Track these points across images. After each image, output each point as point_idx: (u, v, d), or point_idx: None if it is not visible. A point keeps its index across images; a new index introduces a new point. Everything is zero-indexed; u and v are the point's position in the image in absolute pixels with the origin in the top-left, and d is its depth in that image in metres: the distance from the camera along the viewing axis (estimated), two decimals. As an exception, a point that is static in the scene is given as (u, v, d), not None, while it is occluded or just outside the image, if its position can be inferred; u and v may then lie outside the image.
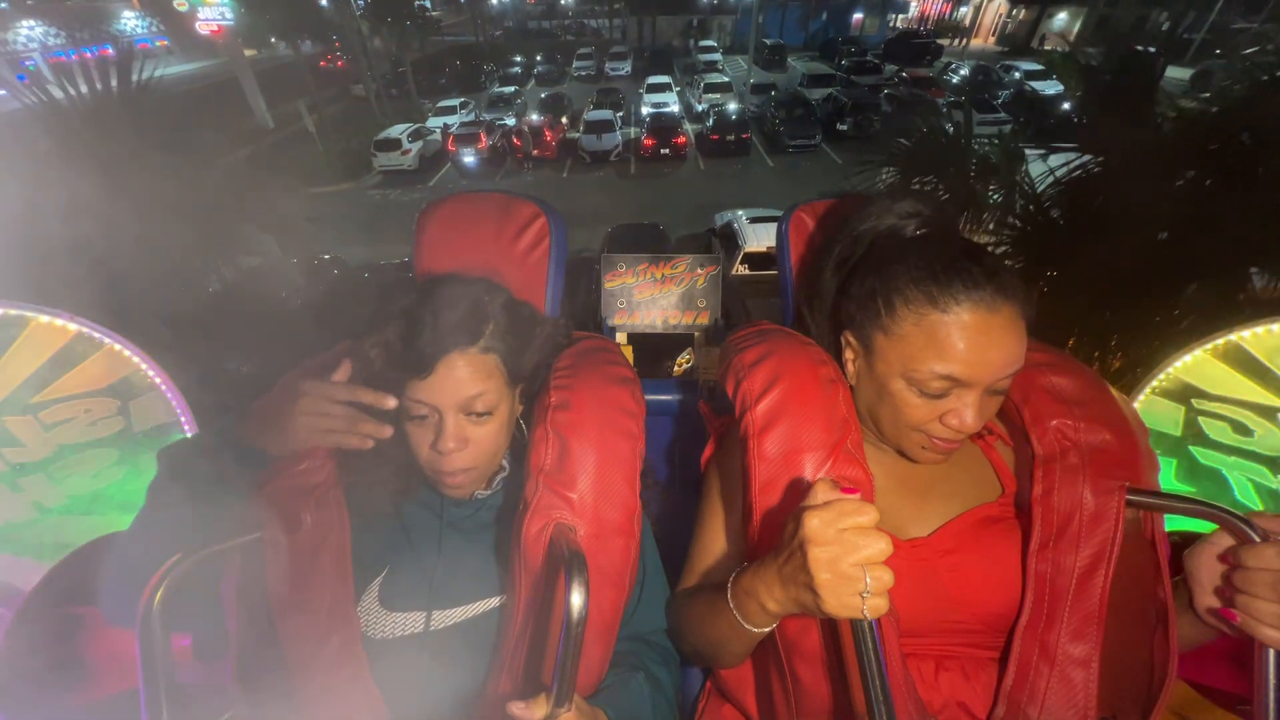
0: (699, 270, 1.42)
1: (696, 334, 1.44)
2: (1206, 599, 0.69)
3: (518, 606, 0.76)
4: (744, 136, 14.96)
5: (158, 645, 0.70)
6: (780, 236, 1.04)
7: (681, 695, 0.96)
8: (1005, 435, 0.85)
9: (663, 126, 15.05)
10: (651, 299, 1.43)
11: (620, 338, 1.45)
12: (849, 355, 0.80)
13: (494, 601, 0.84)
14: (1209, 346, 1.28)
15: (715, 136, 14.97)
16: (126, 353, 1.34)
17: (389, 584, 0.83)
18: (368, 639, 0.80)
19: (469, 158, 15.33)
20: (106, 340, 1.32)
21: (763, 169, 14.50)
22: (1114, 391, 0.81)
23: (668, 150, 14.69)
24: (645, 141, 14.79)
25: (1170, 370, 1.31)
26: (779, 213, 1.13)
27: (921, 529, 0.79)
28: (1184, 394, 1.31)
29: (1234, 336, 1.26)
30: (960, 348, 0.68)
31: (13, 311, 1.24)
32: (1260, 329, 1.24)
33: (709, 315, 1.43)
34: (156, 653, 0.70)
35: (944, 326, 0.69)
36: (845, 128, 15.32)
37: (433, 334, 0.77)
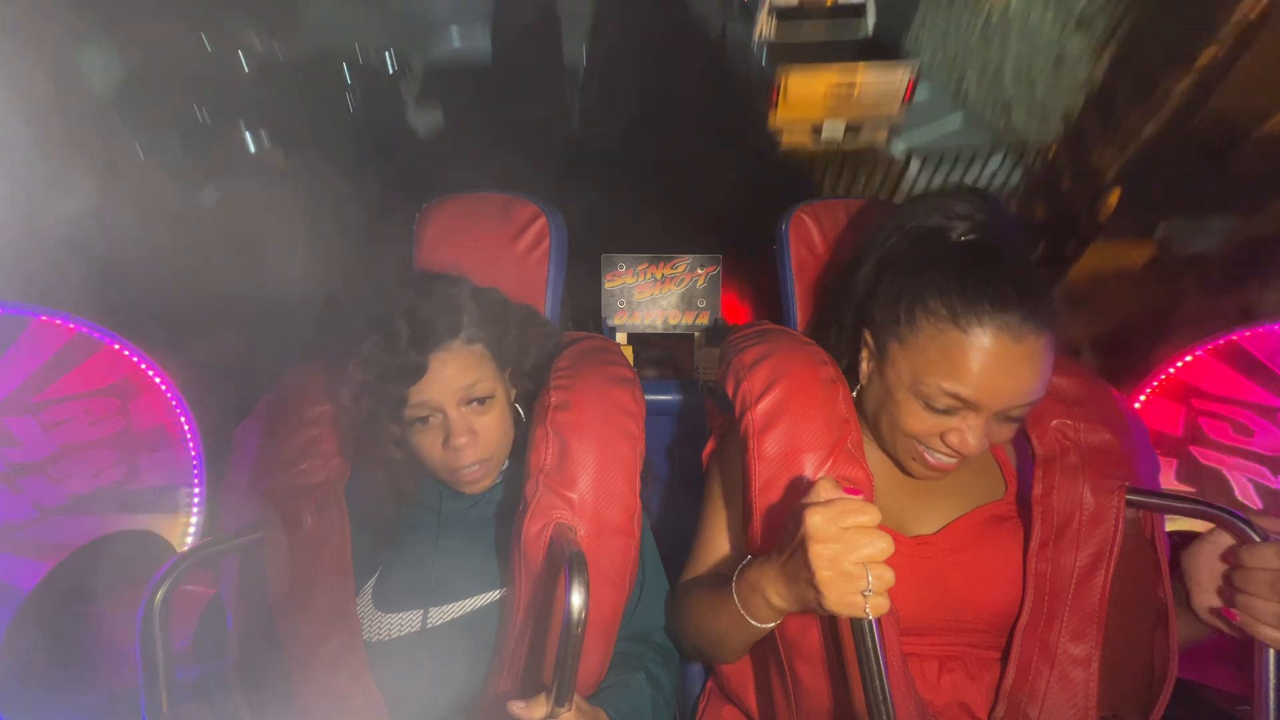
0: (699, 270, 1.42)
1: (696, 334, 1.44)
2: (1204, 597, 0.69)
3: (518, 607, 0.76)
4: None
5: (158, 645, 0.70)
6: (780, 237, 1.04)
7: (681, 696, 0.96)
8: None
9: None
10: (651, 299, 1.43)
11: (620, 338, 1.45)
12: (864, 354, 0.79)
13: (493, 595, 0.83)
14: (1209, 347, 1.28)
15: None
16: (126, 352, 1.34)
17: (382, 586, 0.82)
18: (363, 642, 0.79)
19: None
20: (106, 340, 1.32)
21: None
22: (1114, 391, 0.81)
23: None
24: None
25: (1170, 370, 1.32)
26: None
27: (925, 527, 0.79)
28: (1184, 394, 1.31)
29: (1234, 336, 1.26)
30: (974, 370, 0.65)
31: (13, 312, 1.24)
32: (1260, 329, 1.24)
33: (709, 315, 1.43)
34: (156, 653, 0.70)
35: (959, 345, 0.66)
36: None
37: (415, 337, 0.75)
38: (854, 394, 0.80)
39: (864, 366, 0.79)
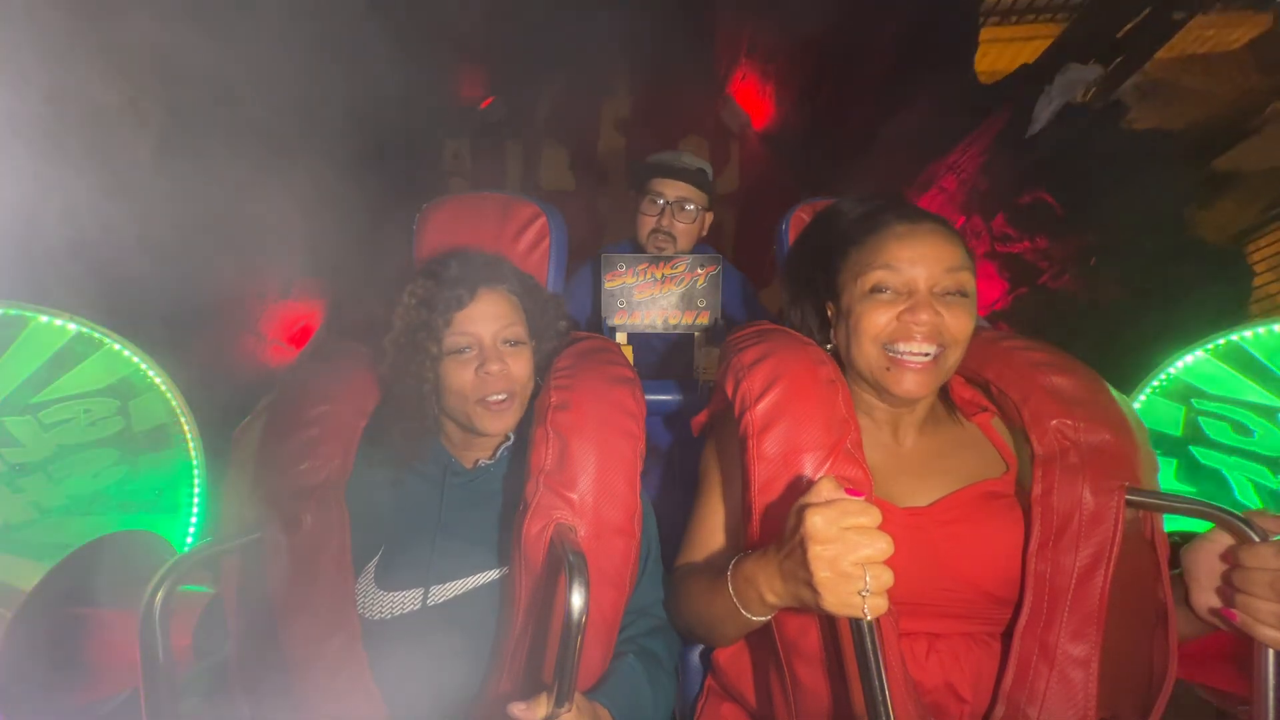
0: (699, 270, 1.42)
1: (697, 334, 1.44)
2: (1203, 596, 0.69)
3: (518, 607, 0.76)
4: None
5: (158, 645, 0.70)
6: (780, 236, 1.04)
7: (681, 694, 0.96)
8: (994, 408, 0.86)
9: None
10: (651, 299, 1.43)
11: (620, 338, 1.45)
12: (832, 319, 0.86)
13: (492, 575, 0.84)
14: (1209, 346, 1.28)
15: None
16: (126, 353, 1.34)
17: (385, 564, 0.83)
18: (363, 620, 0.80)
19: None
20: (106, 340, 1.32)
21: None
22: (1114, 391, 0.81)
23: None
24: None
25: (1170, 370, 1.31)
26: None
27: (919, 500, 0.79)
28: (1184, 394, 1.31)
29: (1234, 336, 1.26)
30: (895, 248, 0.78)
31: (12, 311, 1.24)
32: (1260, 329, 1.24)
33: (709, 315, 1.43)
34: (156, 653, 0.70)
35: (878, 238, 0.80)
36: None
37: (466, 273, 0.87)
38: (831, 348, 0.88)
39: (834, 330, 0.86)
